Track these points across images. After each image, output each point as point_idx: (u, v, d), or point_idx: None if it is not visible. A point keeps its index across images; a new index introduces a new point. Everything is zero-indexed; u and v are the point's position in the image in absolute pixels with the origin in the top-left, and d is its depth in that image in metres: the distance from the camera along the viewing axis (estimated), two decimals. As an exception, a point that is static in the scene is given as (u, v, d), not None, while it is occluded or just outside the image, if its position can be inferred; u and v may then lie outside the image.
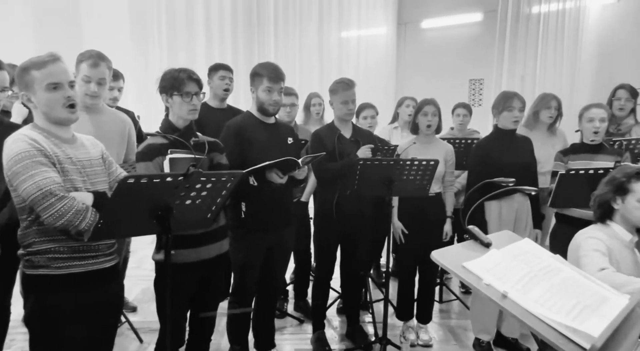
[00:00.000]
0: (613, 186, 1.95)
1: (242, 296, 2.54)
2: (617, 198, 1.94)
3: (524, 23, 5.94)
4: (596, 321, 1.12)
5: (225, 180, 1.75)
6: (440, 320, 3.56)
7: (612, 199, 1.95)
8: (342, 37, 6.91)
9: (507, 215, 2.89)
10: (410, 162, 2.63)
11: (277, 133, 2.57)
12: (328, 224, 2.94)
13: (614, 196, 1.94)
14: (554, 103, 3.30)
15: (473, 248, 1.36)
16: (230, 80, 3.36)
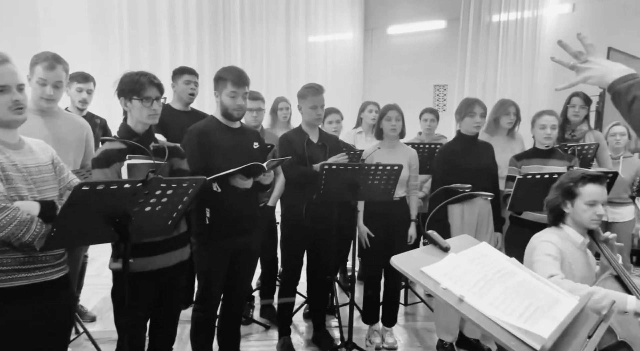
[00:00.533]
0: (562, 191, 2.03)
1: (207, 303, 2.49)
2: (566, 202, 2.02)
3: (485, 31, 6.14)
4: (547, 323, 1.15)
5: (187, 186, 1.72)
6: (405, 322, 3.60)
7: (562, 203, 2.03)
8: (309, 42, 6.93)
9: (470, 219, 2.97)
10: (375, 167, 2.66)
11: (242, 137, 2.54)
12: (296, 229, 2.94)
13: (564, 200, 2.02)
14: (513, 109, 3.41)
15: (432, 252, 1.38)
16: (196, 85, 3.30)
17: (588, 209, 1.97)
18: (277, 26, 6.44)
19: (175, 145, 2.25)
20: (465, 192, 2.27)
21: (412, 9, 7.21)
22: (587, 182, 1.98)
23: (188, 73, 3.27)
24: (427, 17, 7.10)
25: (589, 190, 1.97)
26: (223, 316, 2.66)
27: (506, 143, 3.43)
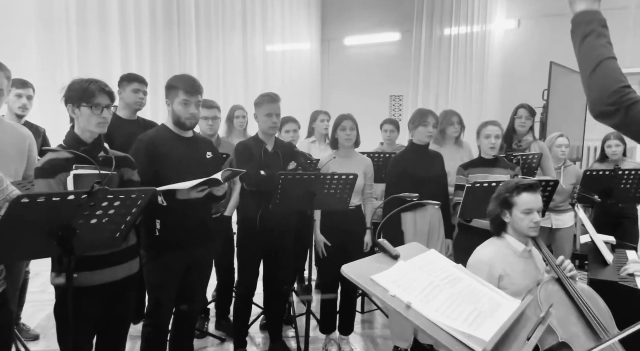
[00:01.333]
0: (500, 201, 2.11)
1: (158, 318, 2.42)
2: (505, 212, 2.10)
3: (437, 44, 6.35)
4: (490, 326, 1.20)
5: (135, 197, 1.68)
6: (362, 330, 3.63)
7: (501, 213, 2.11)
8: (267, 51, 6.94)
9: (422, 226, 3.04)
10: (330, 176, 2.69)
11: (195, 147, 2.49)
12: (251, 238, 2.92)
13: (502, 210, 2.10)
14: (456, 119, 3.58)
15: (382, 260, 1.41)
16: (144, 94, 3.18)
17: (525, 217, 2.05)
18: (234, 34, 6.40)
19: (126, 155, 2.18)
20: (413, 200, 2.33)
21: (367, 20, 7.37)
22: (521, 191, 2.06)
23: (137, 81, 3.13)
24: (382, 29, 7.27)
25: (523, 199, 2.06)
26: (175, 330, 2.59)
27: (454, 152, 3.56)
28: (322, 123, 4.10)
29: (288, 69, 7.24)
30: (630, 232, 3.73)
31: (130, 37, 5.02)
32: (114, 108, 2.08)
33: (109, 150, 2.10)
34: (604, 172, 3.30)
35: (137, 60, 5.10)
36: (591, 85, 1.00)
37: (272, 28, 6.94)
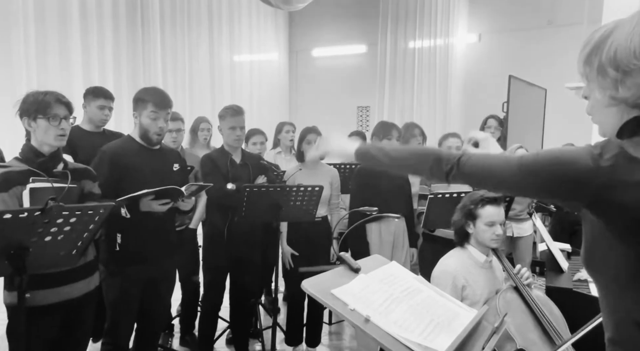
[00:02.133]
0: (464, 213, 2.17)
1: (118, 335, 2.35)
2: (469, 223, 2.16)
3: (402, 57, 6.50)
4: (445, 337, 1.23)
5: (93, 213, 1.64)
6: (329, 342, 3.62)
7: (465, 224, 2.17)
8: (234, 61, 6.91)
9: (386, 236, 3.08)
10: (296, 188, 2.70)
11: (161, 159, 2.44)
12: (218, 251, 2.88)
13: (467, 221, 2.16)
14: (418, 131, 3.68)
15: (343, 274, 1.42)
16: (110, 110, 3.10)
17: (487, 229, 2.11)
18: (200, 44, 6.35)
19: (86, 167, 2.13)
20: (372, 214, 2.36)
21: (334, 33, 7.47)
22: (485, 204, 2.13)
23: (104, 97, 3.02)
24: (349, 41, 7.38)
25: (487, 211, 2.12)
26: (137, 348, 2.52)
27: None
28: (287, 134, 4.12)
29: (256, 79, 7.23)
30: (585, 239, 3.87)
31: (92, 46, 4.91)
32: (73, 120, 2.02)
33: (68, 162, 2.04)
34: (559, 182, 3.42)
35: (100, 70, 4.98)
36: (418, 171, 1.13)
37: (239, 38, 6.92)
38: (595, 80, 0.94)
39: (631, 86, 0.88)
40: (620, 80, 0.89)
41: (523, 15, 6.06)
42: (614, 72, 0.89)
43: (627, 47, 0.87)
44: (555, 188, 0.96)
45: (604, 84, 0.92)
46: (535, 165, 0.97)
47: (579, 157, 0.91)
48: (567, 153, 0.94)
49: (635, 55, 0.86)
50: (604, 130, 0.99)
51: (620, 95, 0.90)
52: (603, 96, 0.94)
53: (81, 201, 1.99)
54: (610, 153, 0.90)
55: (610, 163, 0.89)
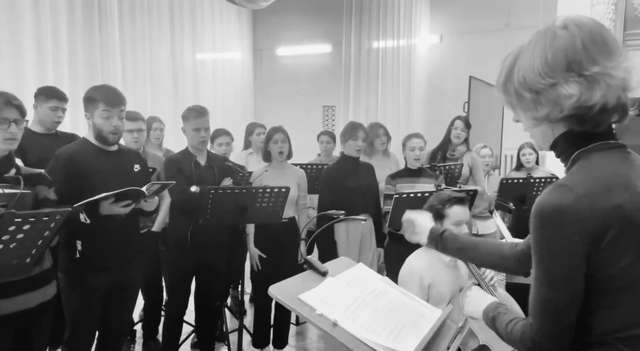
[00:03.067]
0: (432, 213, 2.20)
1: (78, 345, 2.26)
2: (436, 223, 2.19)
3: (366, 57, 6.54)
4: (412, 339, 1.24)
5: (48, 219, 1.57)
6: (296, 343, 3.62)
7: None
8: (197, 60, 6.78)
9: (354, 236, 3.11)
10: (262, 189, 2.67)
11: (121, 161, 2.35)
12: (181, 255, 2.82)
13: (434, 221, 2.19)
14: (382, 131, 3.73)
15: (311, 278, 1.42)
16: (63, 112, 2.97)
17: (455, 229, 2.15)
18: (162, 42, 6.17)
19: (40, 172, 2.03)
20: (339, 217, 2.37)
21: (299, 32, 7.44)
22: (453, 204, 2.17)
23: (56, 98, 2.88)
24: (314, 40, 7.37)
25: (455, 211, 2.16)
26: (99, 357, 2.44)
27: (383, 163, 3.68)
28: (258, 136, 4.09)
29: (220, 78, 7.10)
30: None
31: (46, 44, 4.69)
32: (25, 123, 1.93)
33: (21, 167, 1.94)
34: (518, 180, 3.54)
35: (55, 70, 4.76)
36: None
37: (201, 36, 6.78)
38: (517, 104, 1.00)
39: (546, 103, 0.93)
40: (536, 100, 0.94)
41: (482, 17, 6.22)
42: (529, 95, 0.94)
43: (532, 70, 0.93)
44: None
45: (525, 106, 0.97)
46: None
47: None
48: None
49: (540, 75, 0.92)
50: (537, 145, 1.06)
51: (540, 114, 0.95)
52: (527, 118, 1.00)
53: (36, 208, 1.89)
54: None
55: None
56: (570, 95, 0.89)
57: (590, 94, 0.88)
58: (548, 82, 0.91)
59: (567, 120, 0.94)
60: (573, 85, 0.89)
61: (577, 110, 0.90)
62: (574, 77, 0.89)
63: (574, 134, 0.96)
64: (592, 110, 0.90)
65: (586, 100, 0.89)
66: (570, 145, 0.97)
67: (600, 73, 0.88)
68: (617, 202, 0.87)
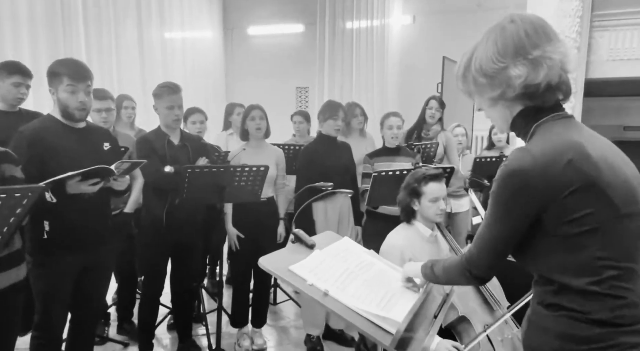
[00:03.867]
0: (409, 191, 2.22)
1: (48, 329, 2.18)
2: (414, 201, 2.21)
3: (340, 37, 6.49)
4: (401, 308, 1.26)
5: (20, 196, 1.49)
6: (274, 322, 3.63)
7: (411, 202, 2.22)
8: (165, 38, 6.56)
9: (332, 215, 3.11)
10: (241, 168, 2.63)
11: (89, 138, 2.24)
12: (157, 236, 2.76)
13: (412, 199, 2.22)
14: (359, 111, 3.72)
15: (299, 250, 1.41)
16: (27, 88, 2.82)
17: (432, 205, 2.18)
18: (127, 20, 5.94)
19: (5, 150, 1.92)
20: (327, 190, 2.36)
21: (270, 10, 7.29)
22: (428, 181, 2.19)
23: (20, 74, 2.74)
24: (286, 20, 7.24)
25: (431, 188, 2.18)
26: (72, 340, 2.37)
27: (359, 143, 3.69)
28: (238, 116, 4.00)
29: (190, 58, 6.90)
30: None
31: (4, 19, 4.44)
32: None
33: None
34: (491, 158, 3.61)
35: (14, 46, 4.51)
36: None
37: (169, 14, 6.55)
38: (474, 91, 1.16)
39: (499, 84, 1.09)
40: (491, 83, 1.10)
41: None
42: (484, 79, 1.10)
43: (486, 57, 1.09)
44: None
45: (481, 90, 1.14)
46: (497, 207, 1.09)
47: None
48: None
49: (493, 61, 1.08)
50: (499, 127, 1.21)
51: (495, 94, 1.11)
52: (484, 99, 1.15)
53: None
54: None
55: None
56: (518, 76, 1.05)
57: (536, 74, 1.05)
58: (500, 66, 1.07)
59: (520, 98, 1.10)
60: (521, 67, 1.05)
61: (526, 89, 1.07)
62: (520, 61, 1.05)
63: (529, 110, 1.11)
64: (539, 88, 1.06)
65: (532, 79, 1.05)
66: (527, 120, 1.12)
67: (541, 56, 1.05)
68: (569, 158, 1.01)
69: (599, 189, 1.00)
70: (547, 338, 1.06)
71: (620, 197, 1.02)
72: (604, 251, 1.00)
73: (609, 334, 0.99)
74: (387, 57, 6.42)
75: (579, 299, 1.02)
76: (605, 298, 1.00)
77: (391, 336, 1.12)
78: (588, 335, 1.00)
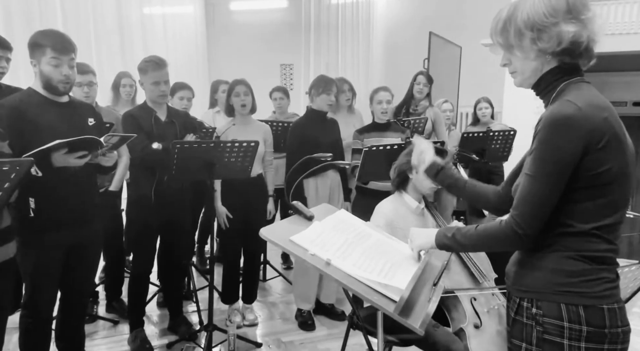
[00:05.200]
0: (409, 159, 2.22)
1: (37, 307, 2.15)
2: (412, 169, 2.22)
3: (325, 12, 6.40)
4: (402, 276, 1.27)
5: (8, 170, 1.45)
6: (263, 298, 3.65)
7: (408, 170, 2.23)
8: (144, 13, 6.36)
9: (323, 191, 3.11)
10: (231, 143, 2.59)
11: (72, 113, 2.17)
12: (145, 213, 2.72)
13: (410, 167, 2.22)
14: (347, 87, 3.69)
15: (298, 222, 1.41)
16: (7, 61, 2.71)
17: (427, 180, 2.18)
18: (104, -4, 5.73)
19: None
20: (327, 160, 2.35)
21: (253, -15, 7.12)
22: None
23: (0, 47, 2.59)
24: (269, -6, 7.09)
25: None
26: (62, 319, 2.35)
27: (347, 119, 3.67)
28: (224, 94, 3.93)
29: (170, 33, 6.72)
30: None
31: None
32: None
33: None
34: (478, 134, 3.64)
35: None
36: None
37: (148, -12, 6.35)
38: (514, 43, 1.21)
39: (547, 39, 1.16)
40: (537, 37, 1.17)
41: (440, -26, 6.19)
42: (530, 32, 1.17)
43: (537, 11, 1.16)
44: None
45: (522, 42, 1.19)
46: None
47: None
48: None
49: (545, 15, 1.15)
50: (524, 81, 1.26)
51: (541, 47, 1.18)
52: (523, 51, 1.20)
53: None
54: None
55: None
56: (569, 32, 1.15)
57: (581, 33, 1.16)
58: (551, 21, 1.15)
59: (560, 54, 1.18)
60: (571, 25, 1.15)
61: (572, 45, 1.16)
62: (571, 19, 1.15)
63: (562, 67, 1.20)
64: (581, 46, 1.16)
65: (579, 36, 1.16)
66: (559, 76, 1.20)
67: (588, 19, 1.16)
68: (604, 116, 1.13)
69: (621, 148, 1.14)
70: (540, 274, 1.20)
71: (630, 155, 1.17)
72: (612, 201, 1.15)
73: (595, 270, 1.16)
74: (372, 33, 6.37)
75: (577, 240, 1.16)
76: (600, 241, 1.16)
77: (394, 303, 1.14)
78: (577, 269, 1.16)
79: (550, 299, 1.17)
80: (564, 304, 1.15)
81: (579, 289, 1.15)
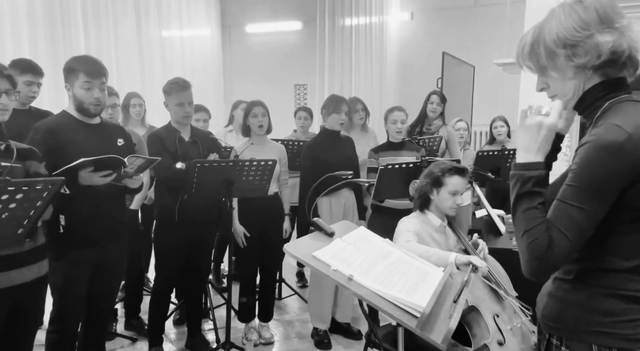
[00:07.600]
0: (431, 179, 2.25)
1: (64, 323, 2.20)
2: (433, 190, 2.24)
3: (339, 34, 6.52)
4: (422, 293, 1.29)
5: (41, 188, 1.51)
6: (280, 316, 3.65)
7: (429, 190, 2.25)
8: (163, 37, 6.55)
9: (337, 210, 3.14)
10: (249, 162, 2.65)
11: (104, 134, 2.28)
12: (170, 231, 2.77)
13: (431, 188, 2.24)
14: (360, 106, 3.76)
15: (319, 238, 1.44)
16: (38, 87, 2.83)
17: (450, 198, 2.21)
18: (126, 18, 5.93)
19: (30, 147, 1.95)
20: (348, 178, 2.39)
21: (268, 8, 7.30)
22: (454, 174, 2.21)
23: (32, 73, 2.73)
24: (284, 17, 7.25)
25: (454, 181, 2.21)
26: (85, 336, 2.38)
27: (361, 138, 3.72)
28: (242, 112, 4.02)
29: (188, 56, 6.90)
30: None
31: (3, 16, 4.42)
32: (16, 96, 1.85)
33: (10, 141, 1.85)
34: (493, 152, 3.66)
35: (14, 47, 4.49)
36: (520, 247, 1.11)
37: (167, 12, 6.55)
38: (547, 64, 1.11)
39: (584, 53, 1.06)
40: (572, 53, 1.07)
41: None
42: (563, 50, 1.08)
43: (566, 27, 1.07)
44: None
45: (557, 62, 1.10)
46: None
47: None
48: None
49: (576, 29, 1.06)
50: (567, 102, 1.14)
51: (579, 62, 1.08)
52: (560, 72, 1.11)
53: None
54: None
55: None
56: (607, 42, 1.04)
57: (620, 41, 1.05)
58: (584, 34, 1.06)
59: (602, 67, 1.08)
60: (607, 35, 1.05)
61: (613, 55, 1.06)
62: (605, 29, 1.05)
63: (608, 82, 1.10)
64: (623, 56, 1.06)
65: (619, 46, 1.05)
66: (604, 93, 1.10)
67: (624, 26, 1.06)
68: None
69: None
70: (571, 310, 1.11)
71: None
72: None
73: (631, 310, 1.06)
74: (386, 54, 6.46)
75: (616, 277, 1.07)
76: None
77: (416, 319, 1.16)
78: (613, 308, 1.06)
79: (580, 339, 1.09)
80: (596, 345, 1.06)
81: (613, 330, 1.06)
